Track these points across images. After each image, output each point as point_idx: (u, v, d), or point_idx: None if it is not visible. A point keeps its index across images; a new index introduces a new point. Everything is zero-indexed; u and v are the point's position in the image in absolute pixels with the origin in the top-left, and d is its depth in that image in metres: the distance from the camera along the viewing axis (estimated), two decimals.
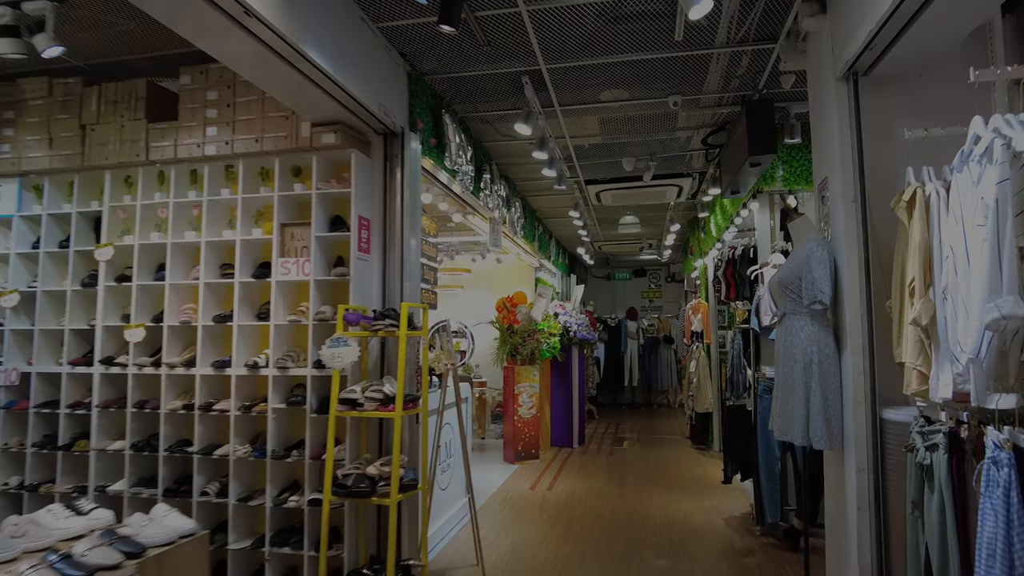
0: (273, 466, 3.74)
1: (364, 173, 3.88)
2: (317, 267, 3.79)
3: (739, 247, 5.79)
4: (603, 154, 6.20)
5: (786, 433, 3.15)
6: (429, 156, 4.35)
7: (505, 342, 8.02)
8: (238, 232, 3.96)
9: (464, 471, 5.56)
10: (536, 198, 8.00)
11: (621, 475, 7.11)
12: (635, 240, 11.42)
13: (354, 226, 3.73)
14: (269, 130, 3.87)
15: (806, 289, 3.11)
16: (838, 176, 3.15)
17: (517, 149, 6.00)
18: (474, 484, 6.80)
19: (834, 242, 3.21)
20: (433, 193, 5.28)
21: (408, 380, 3.72)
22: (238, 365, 3.84)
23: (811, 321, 3.15)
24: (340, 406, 3.40)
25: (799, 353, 3.11)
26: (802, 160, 5.19)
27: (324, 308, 3.74)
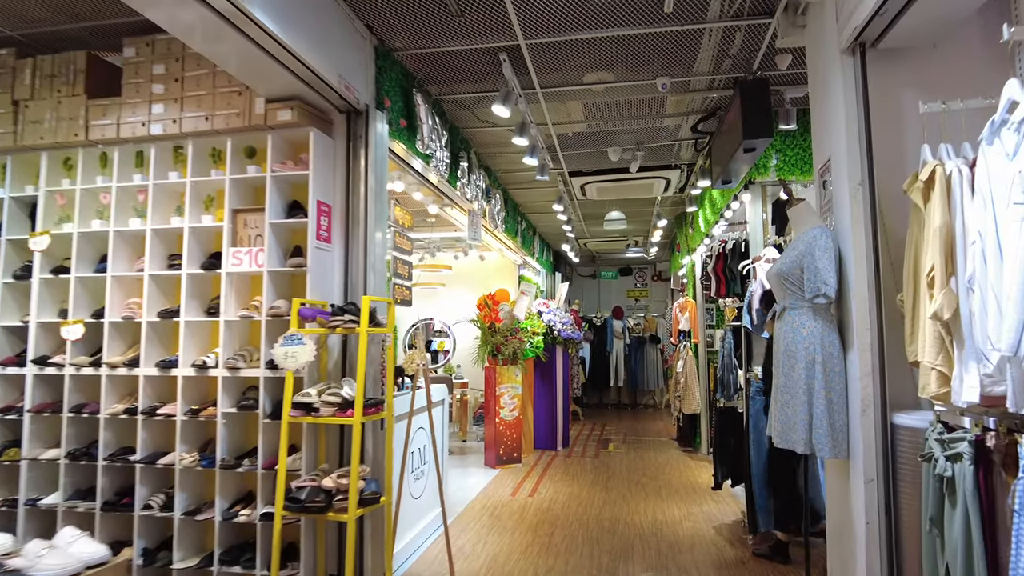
0: (223, 476, 3.39)
1: (324, 154, 3.54)
2: (271, 257, 3.44)
3: (730, 241, 5.52)
4: (588, 143, 5.90)
5: (786, 440, 2.86)
6: (399, 139, 4.02)
7: (486, 341, 7.70)
8: (186, 219, 3.60)
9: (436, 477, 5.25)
10: (519, 191, 7.69)
11: (606, 480, 6.81)
12: (621, 237, 11.15)
13: (312, 212, 3.39)
14: (220, 107, 3.52)
15: (808, 281, 2.82)
16: (843, 157, 2.87)
17: (497, 138, 5.68)
18: (453, 490, 6.52)
19: (838, 230, 2.93)
20: (406, 181, 4.95)
21: (372, 382, 3.39)
22: (185, 365, 3.49)
23: (813, 316, 2.86)
24: (294, 411, 3.06)
25: (801, 351, 2.82)
26: (797, 148, 4.93)
27: (279, 303, 3.39)
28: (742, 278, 5.30)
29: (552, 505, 5.75)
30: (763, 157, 4.96)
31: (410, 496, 4.48)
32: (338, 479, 2.97)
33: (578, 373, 12.01)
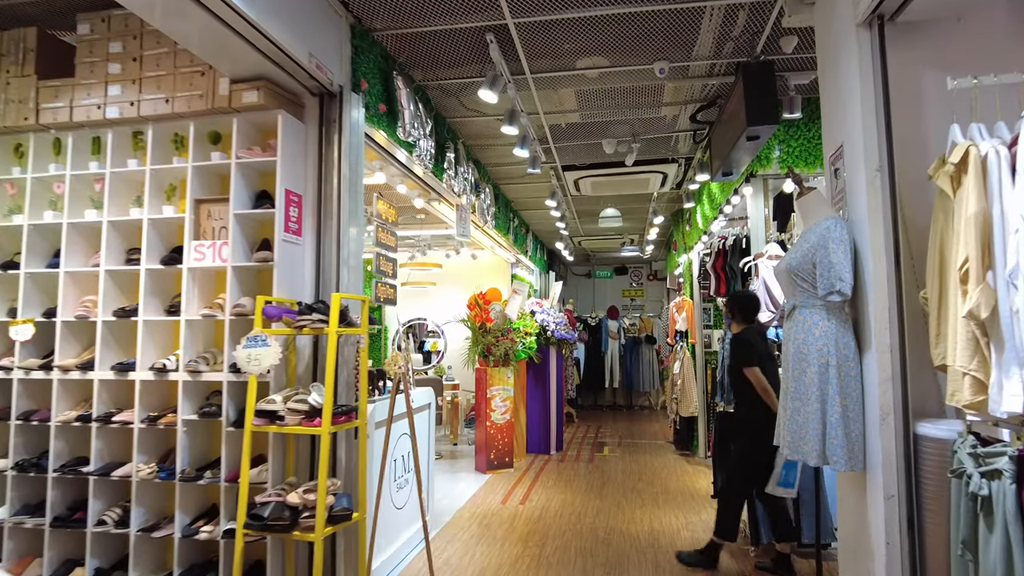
0: (184, 489, 3.11)
1: (295, 139, 3.26)
2: (236, 251, 3.17)
3: (730, 237, 5.27)
4: (581, 135, 5.64)
5: (797, 450, 2.61)
6: (378, 125, 3.75)
7: (477, 342, 7.43)
8: (146, 210, 3.32)
9: (425, 487, 4.98)
10: (510, 186, 7.42)
11: (601, 485, 6.55)
12: (616, 235, 10.90)
13: (280, 202, 3.11)
14: (181, 88, 3.25)
15: (821, 276, 2.57)
16: (858, 141, 2.61)
17: (487, 129, 5.42)
18: (439, 497, 6.25)
19: (853, 221, 2.68)
20: (389, 173, 4.67)
21: (345, 387, 3.12)
22: (143, 368, 3.21)
23: (827, 315, 2.61)
24: (257, 419, 2.79)
25: (813, 354, 2.57)
26: (801, 139, 4.68)
27: (244, 301, 3.12)
28: (743, 276, 5.05)
29: (544, 513, 5.49)
30: (765, 148, 4.71)
31: (393, 506, 4.21)
32: (305, 494, 2.70)
33: (572, 374, 11.76)
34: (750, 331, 4.04)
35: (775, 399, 3.71)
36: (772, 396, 3.74)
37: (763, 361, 3.87)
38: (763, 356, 3.89)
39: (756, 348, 3.89)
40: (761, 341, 3.99)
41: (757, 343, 3.94)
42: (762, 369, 3.83)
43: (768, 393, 3.77)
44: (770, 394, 3.76)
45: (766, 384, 3.78)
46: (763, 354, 3.90)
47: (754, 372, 3.81)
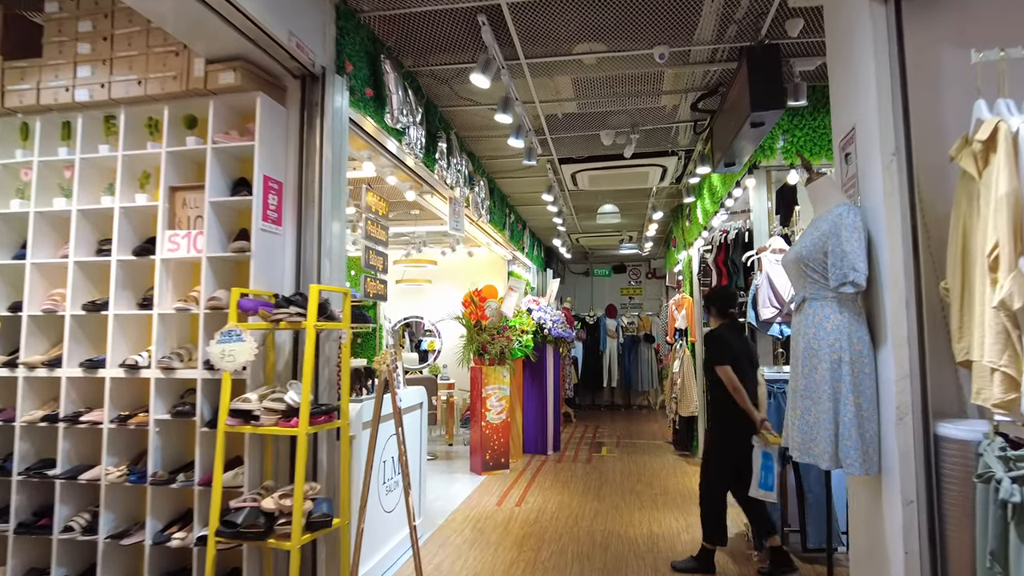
0: (155, 493, 2.94)
1: (274, 123, 3.09)
2: (212, 241, 2.99)
3: (732, 231, 5.11)
4: (579, 126, 5.46)
5: (807, 453, 2.44)
6: (364, 111, 3.57)
7: (472, 340, 7.26)
8: (118, 198, 3.14)
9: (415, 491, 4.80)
10: (506, 180, 7.25)
11: (599, 487, 6.39)
12: (614, 232, 10.73)
13: (258, 189, 2.94)
14: (154, 69, 3.07)
15: (833, 266, 2.40)
16: (873, 123, 2.44)
17: (481, 120, 5.24)
18: (433, 499, 6.07)
19: (867, 208, 2.51)
20: (378, 163, 4.50)
21: (327, 385, 2.95)
22: (114, 365, 3.03)
23: (839, 308, 2.44)
24: (231, 419, 2.62)
25: (825, 349, 2.40)
26: (806, 128, 4.51)
27: (220, 293, 2.94)
28: (746, 270, 4.88)
29: (540, 516, 5.32)
30: (768, 138, 4.54)
31: (381, 510, 4.04)
32: (281, 499, 2.52)
33: (570, 373, 11.59)
34: (725, 328, 3.95)
35: (745, 398, 3.66)
36: (742, 395, 3.67)
37: (736, 359, 3.77)
38: (737, 354, 3.80)
39: (729, 346, 3.81)
40: (737, 338, 3.90)
41: (731, 340, 3.85)
42: (735, 367, 3.73)
43: (738, 392, 3.69)
44: (740, 393, 3.68)
45: (736, 383, 3.69)
46: (737, 352, 3.81)
47: (725, 371, 3.72)
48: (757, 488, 3.67)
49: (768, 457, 3.64)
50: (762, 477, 3.64)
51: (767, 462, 3.63)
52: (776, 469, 3.63)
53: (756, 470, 3.66)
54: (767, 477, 3.65)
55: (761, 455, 3.64)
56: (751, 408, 3.69)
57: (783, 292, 4.43)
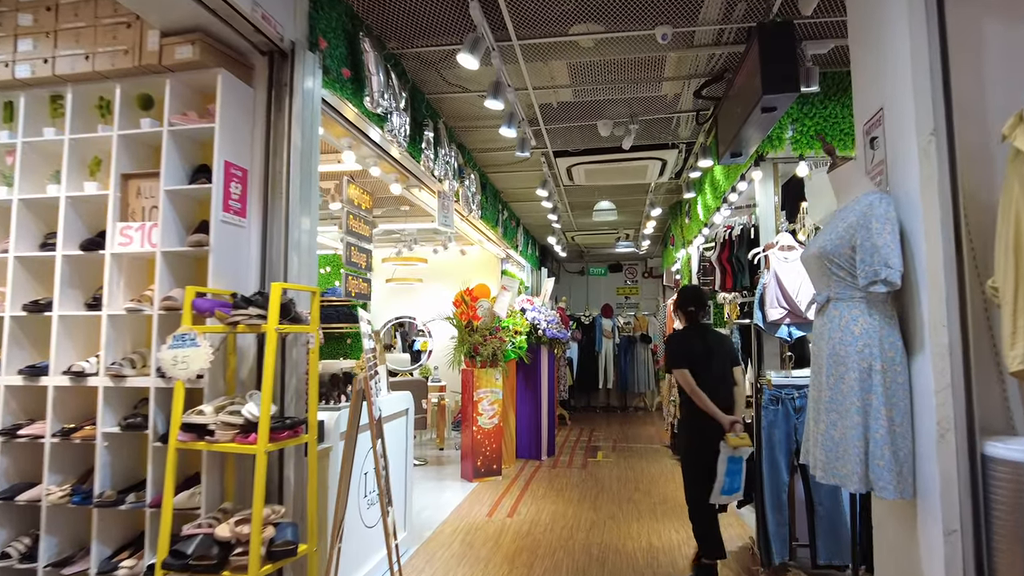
0: (102, 516, 2.63)
1: (238, 104, 2.79)
2: (168, 234, 2.69)
3: (737, 226, 4.83)
4: (574, 115, 5.18)
5: (833, 473, 2.16)
6: (341, 93, 3.27)
7: (463, 341, 6.96)
8: (64, 186, 2.84)
9: (400, 503, 4.51)
10: (499, 175, 6.96)
11: (595, 495, 6.11)
12: (611, 230, 10.45)
13: (219, 175, 2.64)
14: (103, 42, 2.76)
15: (863, 263, 2.12)
16: (907, 102, 2.16)
17: (471, 108, 4.95)
18: (420, 508, 5.77)
19: (900, 198, 2.23)
20: (360, 154, 4.20)
21: (295, 396, 2.65)
22: (58, 372, 2.73)
23: (868, 310, 2.16)
24: (183, 434, 2.32)
25: (853, 356, 2.12)
26: (816, 117, 4.24)
27: (176, 293, 2.64)
28: (751, 269, 4.61)
29: (533, 528, 5.03)
30: (776, 128, 4.27)
31: (363, 525, 3.75)
32: (237, 526, 2.22)
33: (565, 375, 11.32)
34: (688, 329, 3.84)
35: (705, 400, 3.56)
36: (700, 397, 3.57)
37: (695, 361, 3.66)
38: (696, 356, 3.68)
39: (687, 348, 3.71)
40: (698, 339, 3.76)
41: (690, 342, 3.75)
42: (696, 369, 3.63)
43: (696, 394, 3.59)
44: (698, 395, 3.58)
45: (693, 386, 3.60)
46: (697, 354, 3.69)
47: (681, 374, 3.65)
48: (719, 493, 3.53)
49: (735, 461, 3.53)
50: (726, 482, 3.51)
51: (733, 466, 3.51)
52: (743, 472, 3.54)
53: (720, 474, 3.53)
54: (732, 482, 3.52)
55: (727, 460, 3.52)
56: (714, 410, 3.56)
57: (791, 291, 4.16)
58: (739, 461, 3.53)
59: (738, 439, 3.52)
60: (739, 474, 3.53)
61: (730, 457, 3.52)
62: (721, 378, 3.70)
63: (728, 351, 3.82)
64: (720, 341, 3.86)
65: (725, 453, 3.53)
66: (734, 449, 3.51)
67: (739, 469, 3.53)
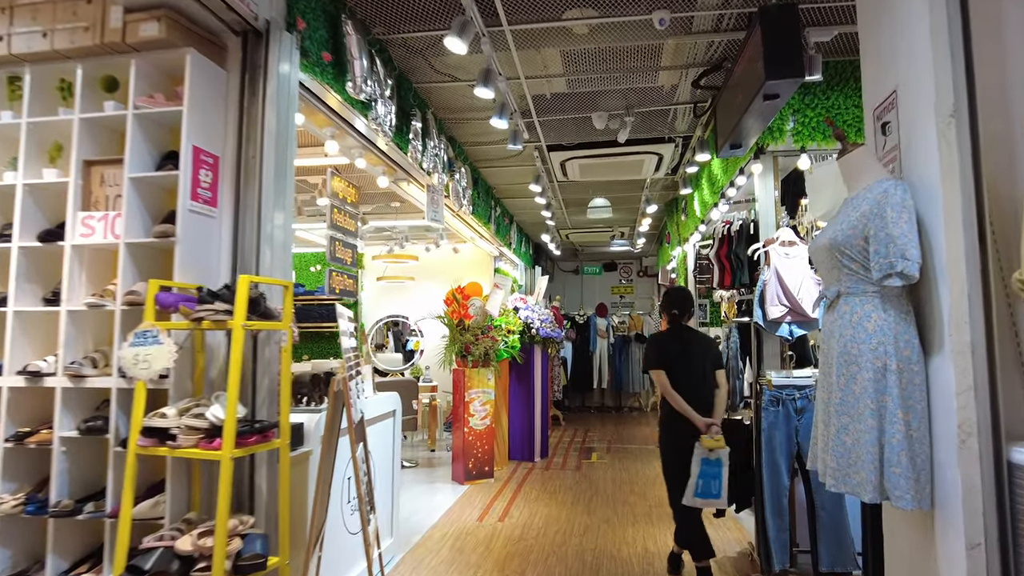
0: (59, 526, 2.45)
1: (209, 85, 2.61)
2: (133, 225, 2.51)
3: (736, 222, 4.68)
4: (568, 107, 5.01)
5: (845, 481, 2.00)
6: (321, 78, 3.10)
7: (454, 340, 6.80)
8: (21, 173, 2.65)
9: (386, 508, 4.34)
10: (491, 170, 6.79)
11: (589, 498, 5.95)
12: (606, 228, 10.31)
13: (187, 161, 2.46)
14: (63, 19, 2.58)
15: (877, 254, 1.96)
16: (925, 82, 2.01)
17: (462, 99, 4.78)
18: (409, 513, 5.59)
19: (915, 185, 2.07)
20: (345, 144, 4.03)
21: (267, 397, 2.48)
22: (12, 372, 2.54)
23: (883, 305, 2.00)
24: (144, 439, 2.14)
25: (867, 355, 1.96)
26: (818, 108, 4.09)
27: (140, 287, 2.46)
28: (751, 265, 4.46)
29: (525, 532, 4.87)
30: (777, 119, 4.12)
31: (346, 531, 3.57)
32: (200, 539, 2.05)
33: (559, 375, 11.17)
34: (670, 331, 3.86)
35: (680, 402, 3.60)
36: (675, 398, 3.61)
37: (672, 362, 3.69)
38: (673, 357, 3.71)
39: (663, 349, 3.76)
40: (678, 341, 3.78)
41: (670, 344, 3.78)
42: (672, 372, 3.66)
43: (670, 395, 3.64)
44: (672, 396, 3.63)
45: (668, 387, 3.64)
46: (674, 355, 3.72)
47: (657, 375, 3.70)
48: (692, 496, 3.51)
49: (710, 464, 3.51)
50: (699, 485, 3.49)
51: (707, 468, 3.49)
52: (724, 475, 3.50)
53: (693, 476, 3.51)
54: (708, 485, 3.50)
55: (701, 462, 3.50)
56: (689, 411, 3.58)
57: (793, 289, 4.01)
58: (716, 465, 3.49)
59: (712, 441, 3.49)
60: (717, 478, 3.48)
61: (704, 459, 3.49)
62: (701, 381, 3.70)
63: (710, 354, 3.81)
64: (702, 344, 3.85)
65: (699, 455, 3.51)
66: (710, 452, 3.49)
67: (717, 473, 3.49)
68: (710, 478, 3.50)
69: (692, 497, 3.53)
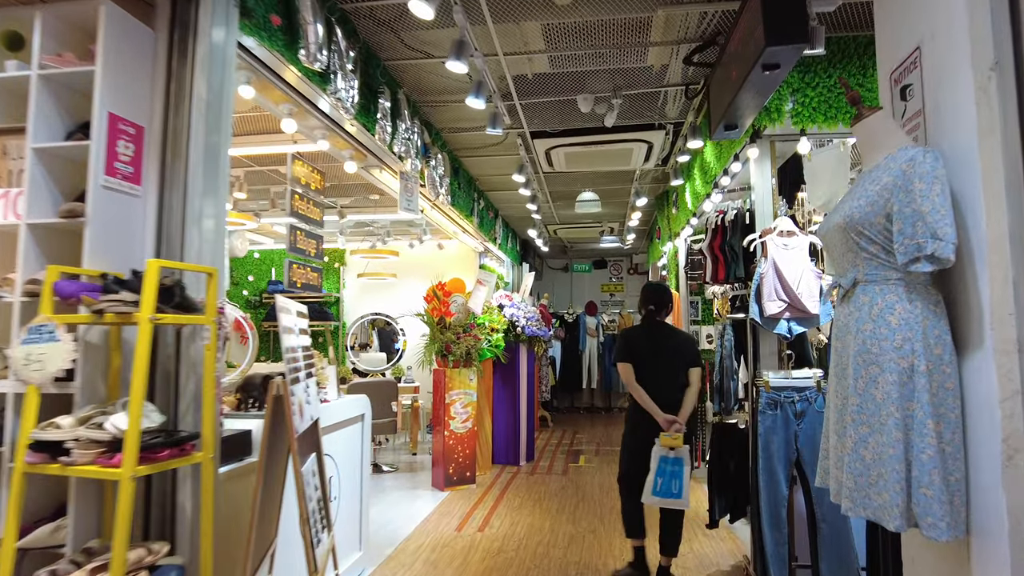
0: None
1: (130, 45, 2.26)
2: (38, 203, 2.16)
3: (730, 211, 4.37)
4: (552, 88, 4.69)
5: (864, 504, 1.68)
6: (270, 44, 2.75)
7: (434, 339, 6.47)
8: None
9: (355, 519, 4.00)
10: (473, 160, 6.46)
11: (575, 505, 5.64)
12: (595, 223, 10.00)
13: (100, 129, 2.11)
14: None
15: (902, 234, 1.65)
16: (959, 31, 1.70)
17: (439, 81, 4.45)
18: (387, 521, 5.25)
19: (945, 152, 1.76)
20: (306, 125, 3.69)
21: (193, 403, 2.13)
22: None
23: (907, 294, 1.69)
24: (32, 454, 1.80)
25: (890, 353, 1.65)
26: (820, 87, 3.79)
27: (43, 275, 2.11)
28: (746, 258, 4.16)
29: (506, 544, 4.55)
30: (775, 99, 3.81)
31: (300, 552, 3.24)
32: (96, 574, 1.71)
33: (547, 374, 10.86)
34: (642, 326, 3.94)
35: (643, 396, 3.64)
36: (638, 392, 3.67)
37: (639, 357, 3.74)
38: (642, 352, 3.76)
39: (634, 343, 3.81)
40: (648, 337, 3.83)
41: (639, 339, 3.84)
42: (639, 367, 3.71)
43: (633, 388, 3.71)
44: (635, 390, 3.69)
45: (631, 380, 3.71)
46: (642, 351, 3.76)
47: (623, 368, 3.76)
48: (650, 494, 3.51)
49: (668, 462, 3.51)
50: (657, 483, 3.49)
51: (665, 466, 3.51)
52: (686, 474, 3.49)
53: (651, 474, 3.52)
54: (668, 484, 3.50)
55: (659, 459, 3.52)
56: (651, 406, 3.62)
57: (791, 282, 3.71)
58: (677, 463, 3.49)
59: (670, 439, 3.50)
60: (678, 477, 3.48)
61: (663, 457, 3.50)
62: (672, 378, 3.72)
63: (684, 351, 3.82)
64: (676, 340, 3.87)
65: (657, 452, 3.53)
66: (670, 450, 3.49)
67: (677, 472, 3.49)
68: (670, 476, 3.50)
69: (650, 495, 3.51)
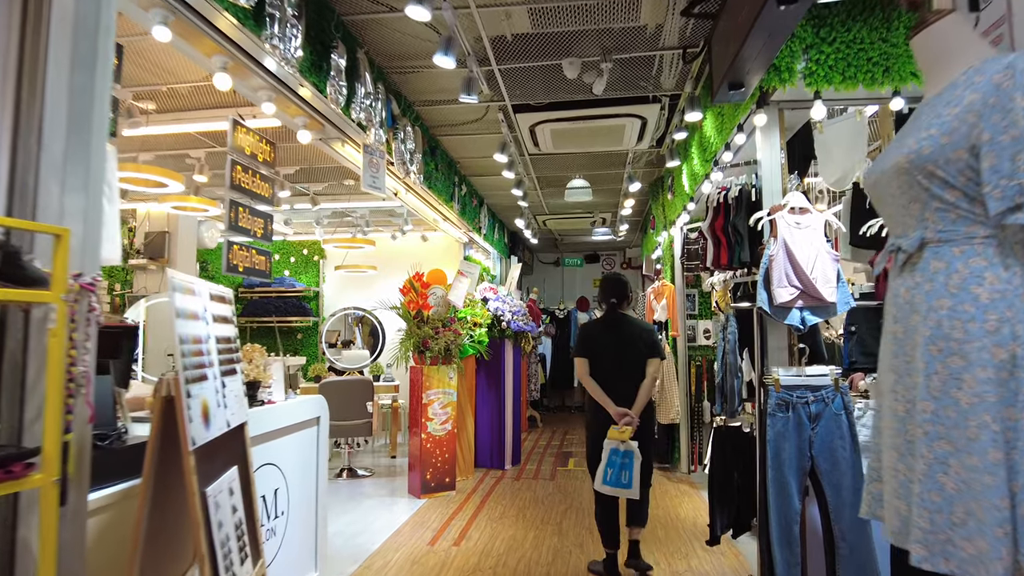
0: None
1: None
2: None
3: (733, 187, 3.89)
4: (534, 52, 4.19)
5: (946, 552, 1.20)
6: None
7: (411, 334, 5.98)
8: None
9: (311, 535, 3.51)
10: (452, 139, 5.96)
11: (561, 514, 5.17)
12: (586, 213, 9.53)
13: None
14: None
15: (996, 172, 1.17)
16: None
17: (411, 44, 3.94)
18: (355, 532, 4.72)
19: None
20: (249, 85, 3.18)
21: (35, 409, 1.62)
22: None
23: (1002, 258, 1.21)
24: None
25: (979, 339, 1.17)
26: (837, 42, 3.32)
27: None
28: (752, 239, 3.69)
29: (483, 560, 4.07)
30: (786, 56, 3.34)
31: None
32: None
33: (537, 373, 10.40)
34: (602, 319, 3.93)
35: (595, 389, 3.68)
36: (591, 385, 3.71)
37: (596, 350, 3.74)
38: (598, 346, 3.76)
39: (591, 337, 3.82)
40: (606, 331, 3.82)
41: (596, 332, 3.84)
42: (595, 360, 3.72)
43: (585, 380, 3.74)
44: (588, 383, 3.72)
45: (584, 374, 3.73)
46: (601, 344, 3.76)
47: (578, 362, 3.78)
48: (601, 483, 3.57)
49: (619, 454, 3.54)
50: (608, 474, 3.55)
51: (615, 459, 3.55)
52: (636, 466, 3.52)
53: (602, 464, 3.58)
54: (618, 475, 3.54)
55: (610, 451, 3.57)
56: (604, 399, 3.65)
57: (805, 266, 3.24)
58: (627, 456, 3.52)
59: (617, 432, 3.54)
60: (628, 469, 3.52)
61: (613, 449, 3.55)
62: (629, 370, 3.70)
63: (644, 342, 3.77)
64: (634, 330, 3.83)
65: (608, 444, 3.58)
66: (621, 444, 3.53)
67: (628, 464, 3.53)
68: (619, 467, 3.55)
69: (601, 483, 3.56)
